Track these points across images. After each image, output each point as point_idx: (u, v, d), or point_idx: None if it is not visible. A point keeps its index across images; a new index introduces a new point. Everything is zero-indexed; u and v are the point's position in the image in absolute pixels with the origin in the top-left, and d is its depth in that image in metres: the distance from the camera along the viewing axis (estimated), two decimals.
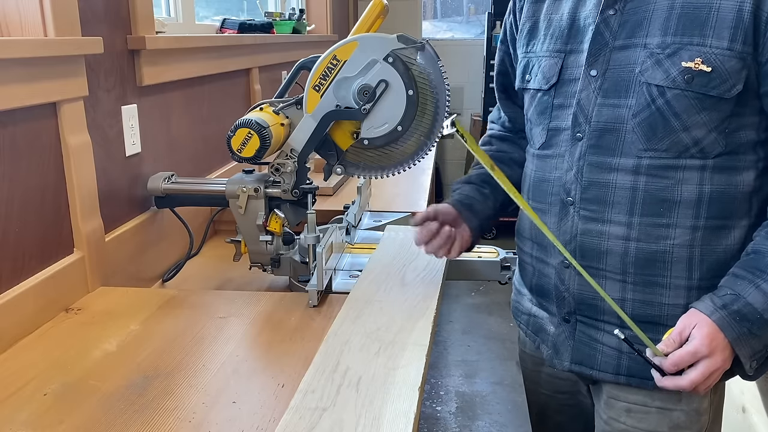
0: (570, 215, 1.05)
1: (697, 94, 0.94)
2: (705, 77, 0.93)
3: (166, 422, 0.83)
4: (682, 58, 0.94)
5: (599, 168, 1.01)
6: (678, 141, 0.96)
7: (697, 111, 0.95)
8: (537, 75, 1.10)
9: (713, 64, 0.92)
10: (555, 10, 1.09)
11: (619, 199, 1.00)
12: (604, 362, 1.07)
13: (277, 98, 1.33)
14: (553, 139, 1.08)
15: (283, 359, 1.00)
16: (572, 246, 1.05)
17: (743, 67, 0.92)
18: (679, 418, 1.06)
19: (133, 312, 1.16)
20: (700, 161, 0.97)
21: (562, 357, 1.11)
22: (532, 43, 1.12)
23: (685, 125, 0.95)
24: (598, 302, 1.04)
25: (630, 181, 0.99)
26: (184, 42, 1.64)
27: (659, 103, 0.96)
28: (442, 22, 5.39)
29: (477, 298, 3.75)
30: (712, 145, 0.96)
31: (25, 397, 0.89)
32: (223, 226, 1.71)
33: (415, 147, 1.25)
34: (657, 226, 0.99)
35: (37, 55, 1.08)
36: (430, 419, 2.63)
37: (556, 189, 1.07)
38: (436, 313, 1.10)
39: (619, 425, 1.09)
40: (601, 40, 1.00)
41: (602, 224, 1.02)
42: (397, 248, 1.39)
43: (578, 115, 1.03)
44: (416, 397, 0.85)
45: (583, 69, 1.02)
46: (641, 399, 1.06)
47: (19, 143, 1.07)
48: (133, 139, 1.41)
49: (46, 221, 1.14)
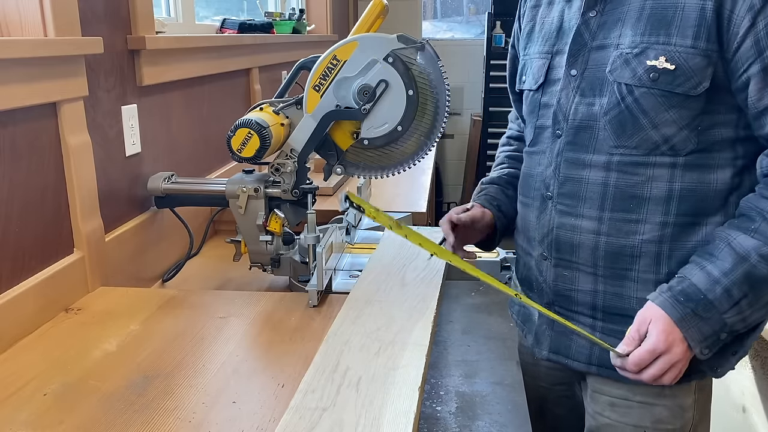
0: (548, 209, 1.09)
1: (663, 92, 0.96)
2: (670, 75, 0.95)
3: (166, 422, 0.83)
4: (648, 57, 0.96)
5: (574, 164, 1.05)
6: (647, 138, 0.99)
7: (665, 109, 0.97)
8: (529, 76, 1.14)
9: (677, 62, 0.94)
10: (548, 13, 1.13)
11: (591, 195, 1.04)
12: (578, 352, 1.10)
13: (277, 98, 1.33)
14: (539, 136, 1.12)
15: (283, 359, 1.00)
16: (549, 239, 1.09)
17: (708, 65, 0.94)
18: (662, 413, 1.07)
19: (133, 312, 1.15)
20: (670, 158, 0.99)
21: (542, 346, 1.15)
22: (529, 45, 1.16)
23: (653, 123, 0.98)
24: (572, 294, 1.08)
25: (601, 177, 1.02)
26: (184, 42, 1.64)
27: (628, 101, 0.98)
28: (442, 22, 5.39)
29: (477, 298, 3.75)
30: (683, 142, 0.98)
31: (25, 397, 0.89)
32: (223, 226, 1.71)
33: (415, 147, 1.25)
34: (626, 222, 1.02)
35: (37, 55, 1.07)
36: (430, 419, 2.63)
37: (537, 184, 1.11)
38: (436, 313, 1.10)
39: (604, 419, 1.11)
40: (581, 41, 1.04)
41: (575, 218, 1.06)
42: (397, 248, 1.39)
43: (558, 113, 1.07)
44: (416, 397, 0.85)
45: (564, 69, 1.06)
46: (623, 393, 1.08)
47: (19, 143, 1.07)
48: (133, 139, 1.41)
49: (46, 221, 1.14)
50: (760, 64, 0.92)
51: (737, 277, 0.93)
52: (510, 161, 1.34)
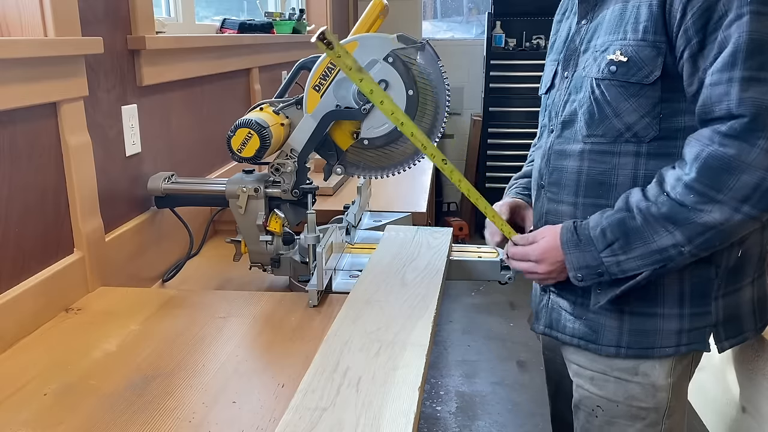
0: (541, 197, 1.22)
1: (621, 82, 1.06)
2: (624, 66, 1.05)
3: (166, 422, 0.83)
4: (608, 52, 1.07)
5: (559, 155, 1.17)
6: (611, 126, 1.08)
7: (625, 98, 1.06)
8: (542, 81, 1.29)
9: (629, 54, 1.05)
10: (563, 26, 1.26)
11: (569, 182, 1.15)
12: (564, 326, 1.21)
13: (277, 98, 1.33)
14: (541, 133, 1.27)
15: (283, 359, 1.00)
16: (542, 224, 1.20)
17: (658, 55, 1.03)
18: (634, 389, 1.15)
19: (133, 312, 1.16)
20: (634, 146, 1.08)
21: (539, 322, 1.27)
22: (548, 55, 1.31)
23: (615, 111, 1.07)
24: None
25: (576, 165, 1.14)
26: (184, 42, 1.64)
27: (596, 93, 1.09)
28: (442, 22, 5.38)
29: (477, 298, 3.75)
30: (645, 129, 1.06)
31: (25, 397, 0.89)
32: (223, 226, 1.70)
33: (415, 147, 1.25)
34: (597, 207, 1.11)
35: (37, 55, 1.08)
36: (430, 419, 2.63)
37: (536, 175, 1.25)
38: (436, 313, 1.10)
39: (584, 392, 1.21)
40: (573, 47, 1.17)
41: (558, 204, 1.18)
42: (397, 248, 1.39)
43: (552, 111, 1.21)
44: (416, 397, 0.85)
45: (560, 72, 1.20)
46: (602, 368, 1.18)
47: (19, 143, 1.07)
48: (133, 139, 1.41)
49: (46, 221, 1.14)
50: (689, 51, 1.00)
51: (612, 221, 1.06)
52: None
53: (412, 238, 1.45)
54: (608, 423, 1.19)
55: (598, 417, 1.19)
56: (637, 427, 1.17)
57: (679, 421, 1.19)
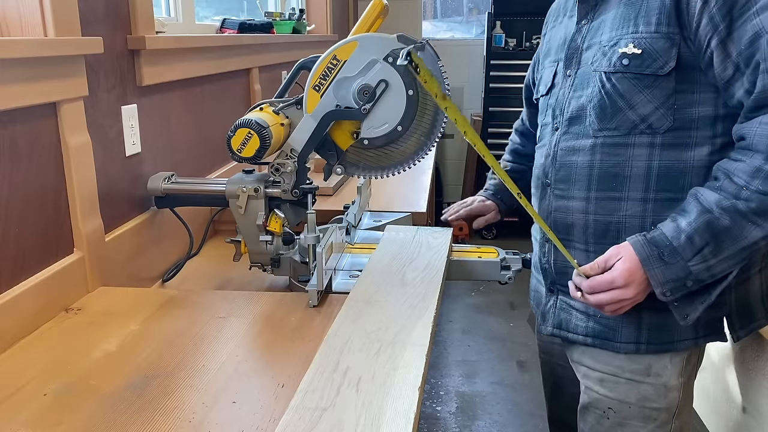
0: (547, 195, 1.21)
1: (635, 75, 1.07)
2: (638, 59, 1.06)
3: (166, 422, 0.83)
4: (620, 46, 1.08)
5: (567, 151, 1.17)
6: (626, 119, 1.09)
7: (639, 90, 1.07)
8: (541, 84, 1.30)
9: (643, 46, 1.06)
10: (557, 31, 1.29)
11: (580, 177, 1.15)
12: (576, 325, 1.20)
13: (277, 98, 1.33)
14: (543, 133, 1.27)
15: (283, 359, 1.00)
16: (549, 222, 1.21)
17: (672, 46, 1.04)
18: (647, 390, 1.15)
19: (133, 312, 1.15)
20: (649, 138, 1.08)
21: (547, 323, 1.27)
22: (544, 59, 1.32)
23: (630, 104, 1.08)
24: (569, 271, 1.17)
25: (588, 160, 1.13)
26: (184, 42, 1.64)
27: (607, 87, 1.10)
28: (442, 22, 5.38)
29: (477, 298, 3.75)
30: (659, 120, 1.07)
31: (25, 397, 0.89)
32: (223, 226, 1.70)
33: (415, 147, 1.26)
34: (610, 200, 1.12)
35: (37, 55, 1.07)
36: (430, 419, 2.63)
37: (539, 173, 1.24)
38: (436, 313, 1.10)
39: (594, 394, 1.20)
40: (574, 46, 1.19)
41: (567, 200, 1.17)
42: (397, 248, 1.39)
43: (555, 109, 1.21)
44: (416, 397, 0.84)
45: (562, 71, 1.21)
46: (613, 370, 1.17)
47: (19, 143, 1.07)
48: (133, 139, 1.41)
49: (46, 221, 1.14)
50: (718, 37, 1.00)
51: (699, 226, 1.01)
52: (513, 155, 1.57)
53: (412, 238, 1.45)
54: (619, 425, 1.18)
55: (610, 419, 1.19)
56: (649, 428, 1.16)
57: (687, 419, 1.20)
